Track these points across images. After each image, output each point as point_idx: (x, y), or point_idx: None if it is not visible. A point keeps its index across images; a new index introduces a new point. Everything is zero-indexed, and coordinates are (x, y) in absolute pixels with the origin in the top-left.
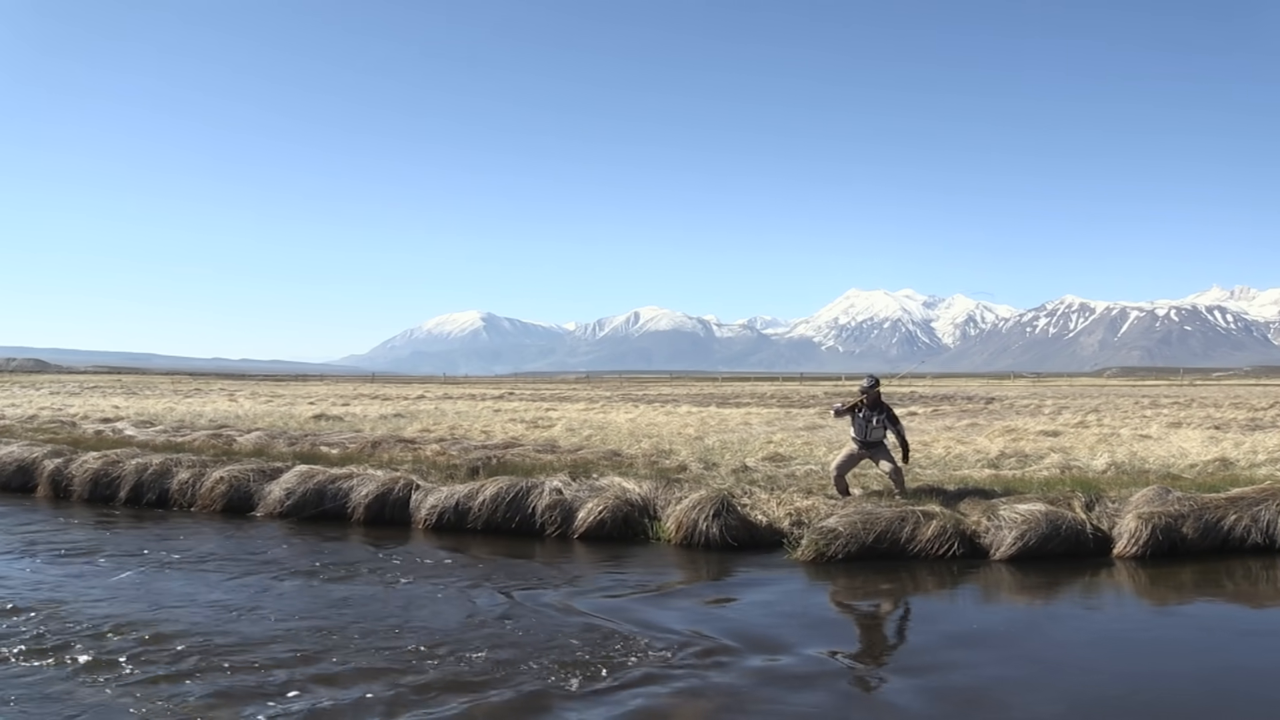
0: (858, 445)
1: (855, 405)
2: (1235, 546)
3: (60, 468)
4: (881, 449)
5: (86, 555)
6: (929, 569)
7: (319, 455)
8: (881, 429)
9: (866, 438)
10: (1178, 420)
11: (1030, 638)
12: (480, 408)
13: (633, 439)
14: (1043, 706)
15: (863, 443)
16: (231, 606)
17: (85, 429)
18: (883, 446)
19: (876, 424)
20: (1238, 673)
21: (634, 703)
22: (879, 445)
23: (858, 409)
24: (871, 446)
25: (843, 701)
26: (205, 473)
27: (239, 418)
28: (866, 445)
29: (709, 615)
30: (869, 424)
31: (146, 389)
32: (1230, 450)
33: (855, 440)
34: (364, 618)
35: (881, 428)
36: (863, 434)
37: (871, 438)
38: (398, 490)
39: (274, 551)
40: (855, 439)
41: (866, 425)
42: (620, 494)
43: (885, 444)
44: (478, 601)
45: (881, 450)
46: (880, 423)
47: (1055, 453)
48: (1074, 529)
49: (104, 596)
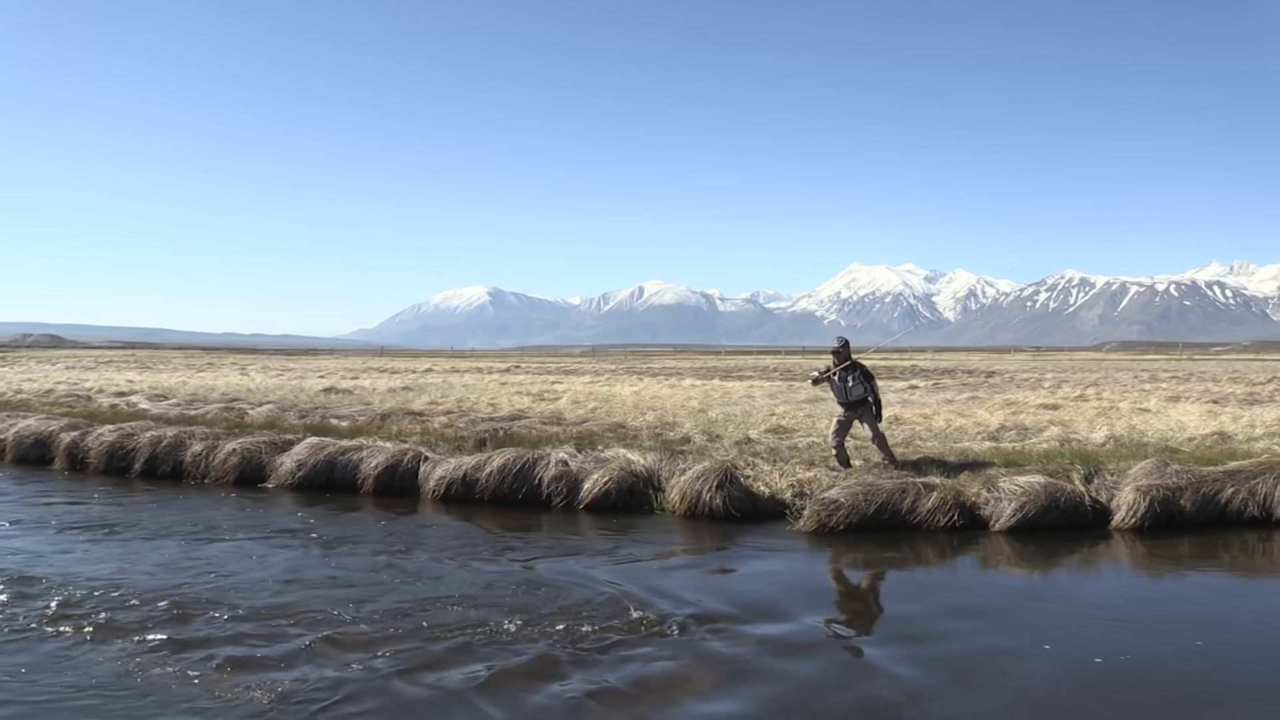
0: (843, 409)
1: (829, 369)
2: (1232, 519)
3: (77, 441)
4: (866, 410)
5: (102, 527)
6: (929, 540)
7: (329, 428)
8: (860, 387)
9: (847, 398)
10: (1176, 394)
11: (1028, 608)
12: (487, 381)
13: (637, 412)
14: (1040, 675)
15: (846, 404)
16: (246, 575)
17: (101, 403)
18: (867, 407)
19: (854, 383)
20: (1233, 643)
21: (640, 669)
22: (862, 404)
23: (831, 372)
24: (855, 407)
25: (843, 669)
26: (218, 445)
27: (250, 391)
28: (850, 406)
29: (713, 584)
30: (846, 384)
31: (160, 364)
32: (1228, 424)
33: (839, 404)
34: (375, 586)
35: (860, 386)
36: (843, 395)
37: (852, 397)
38: (406, 462)
39: (286, 522)
40: (839, 402)
41: (844, 386)
42: (625, 465)
43: (869, 403)
44: (486, 570)
45: (866, 412)
46: (857, 380)
47: (1055, 426)
48: (1073, 501)
49: (120, 566)
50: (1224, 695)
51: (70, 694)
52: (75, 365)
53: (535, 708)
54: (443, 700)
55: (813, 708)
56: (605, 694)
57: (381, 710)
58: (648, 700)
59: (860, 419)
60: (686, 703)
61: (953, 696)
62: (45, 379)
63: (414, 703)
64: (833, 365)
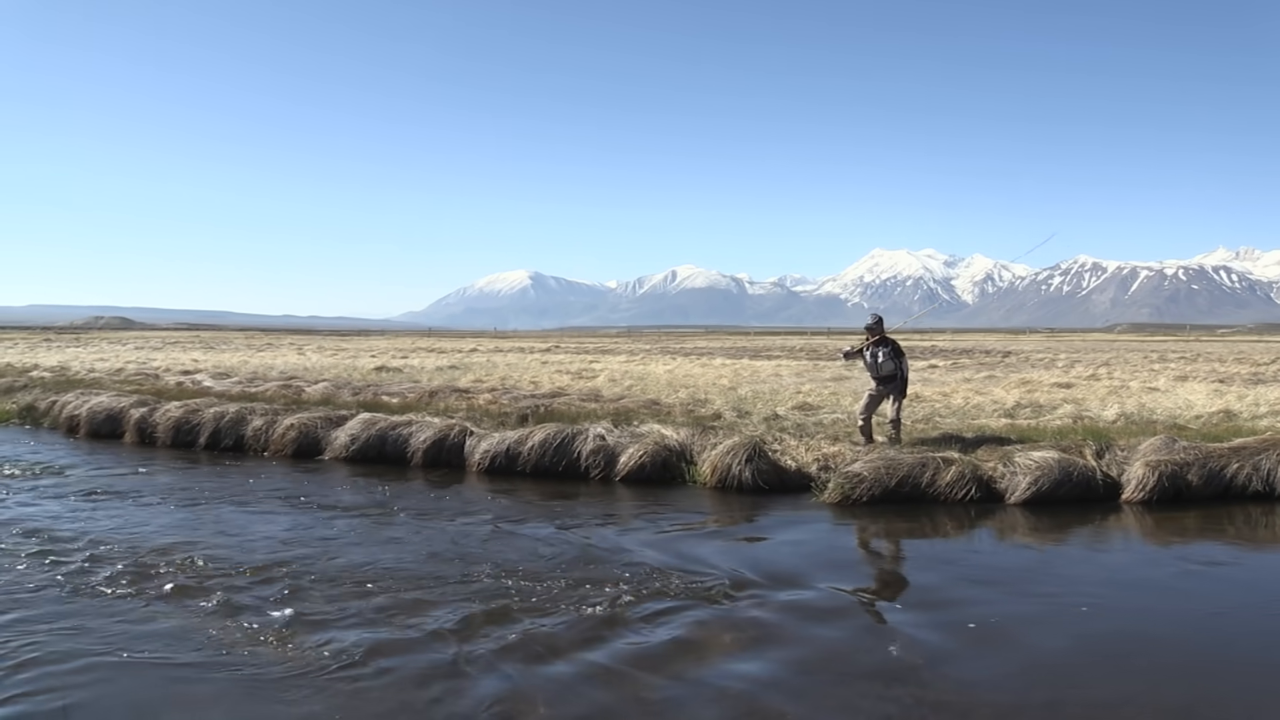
0: (875, 383)
1: (863, 345)
2: (1237, 493)
3: (145, 416)
4: (895, 386)
5: (171, 495)
6: (947, 512)
7: (380, 404)
8: (890, 363)
9: (879, 373)
10: (1184, 374)
11: (1041, 577)
12: (529, 360)
13: (670, 389)
14: (1052, 641)
15: (878, 379)
16: (303, 541)
17: (167, 381)
18: (896, 384)
19: (884, 359)
20: (1237, 611)
21: (672, 631)
22: (892, 380)
23: (864, 349)
24: (886, 382)
25: (864, 634)
26: (277, 420)
27: (307, 370)
28: (881, 381)
29: (742, 552)
30: (877, 359)
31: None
32: (1234, 403)
33: (873, 378)
34: (424, 552)
35: (890, 361)
36: (875, 370)
37: (883, 372)
38: (453, 436)
39: (341, 492)
40: (872, 377)
41: (875, 361)
42: (659, 440)
43: (897, 379)
44: (528, 538)
45: (895, 389)
46: (887, 356)
47: (1068, 403)
48: (1085, 475)
49: (188, 533)
50: (1228, 661)
51: (141, 649)
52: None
53: (575, 668)
54: (485, 659)
55: (836, 669)
56: (641, 655)
57: (428, 669)
58: (682, 661)
59: (889, 394)
60: (717, 663)
61: (969, 660)
62: (116, 359)
63: (452, 662)
64: (866, 341)
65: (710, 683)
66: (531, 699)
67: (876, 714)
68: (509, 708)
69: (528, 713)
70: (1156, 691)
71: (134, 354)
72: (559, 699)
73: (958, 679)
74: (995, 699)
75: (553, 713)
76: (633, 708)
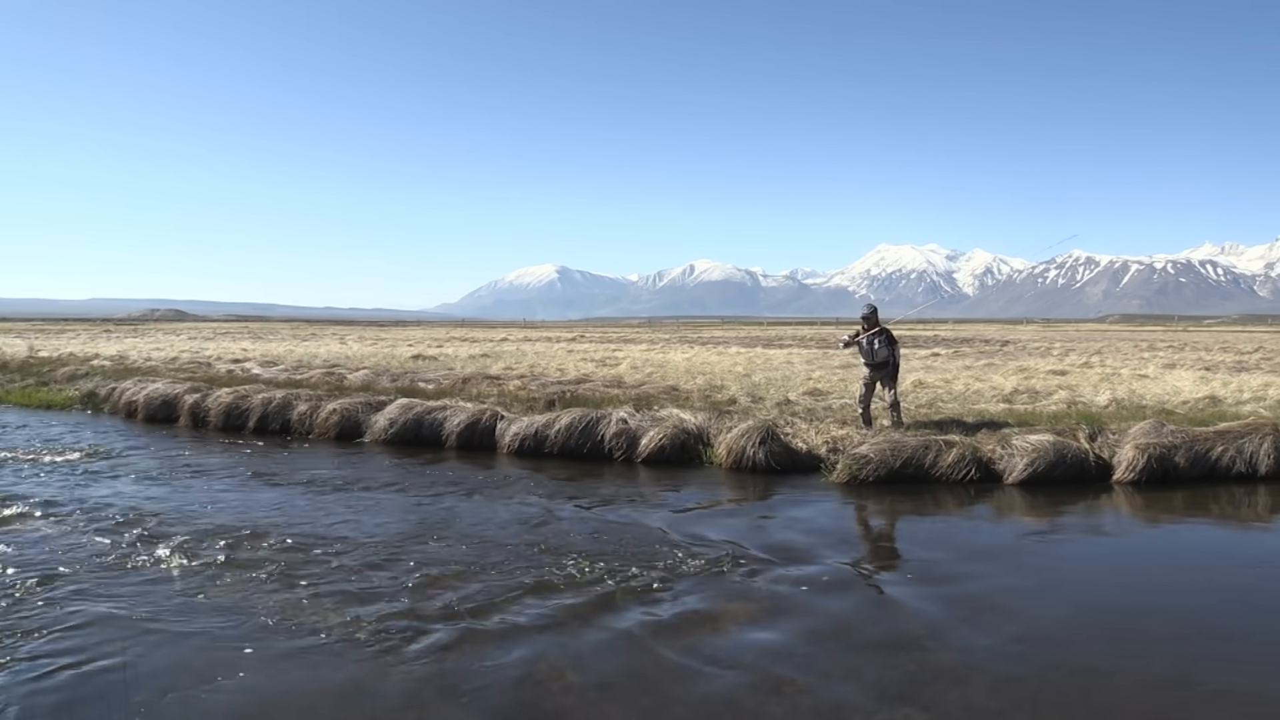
0: (869, 369)
1: (857, 333)
2: (1222, 475)
3: (198, 402)
4: (887, 373)
5: (223, 475)
6: (949, 491)
7: (417, 390)
8: (885, 350)
9: (873, 359)
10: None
11: (1037, 552)
12: (555, 349)
13: (689, 376)
14: (1047, 612)
15: (871, 365)
16: (347, 519)
17: (218, 369)
18: (889, 370)
19: (879, 346)
20: (1221, 585)
21: (689, 603)
22: (885, 366)
23: (860, 336)
24: (879, 368)
25: (869, 605)
26: (320, 405)
27: (348, 358)
28: (875, 367)
29: (755, 529)
30: (873, 347)
31: (270, 334)
32: (1219, 389)
33: (866, 365)
34: (459, 529)
35: (885, 349)
36: (869, 356)
37: (877, 359)
38: (485, 420)
39: (380, 473)
40: (865, 364)
41: (871, 348)
42: (678, 424)
43: (890, 365)
44: (555, 515)
45: (887, 375)
46: (882, 344)
47: (1062, 390)
48: (1078, 457)
49: (240, 510)
50: (1212, 632)
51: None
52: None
53: (596, 639)
54: (512, 631)
55: (844, 639)
56: (659, 625)
57: (455, 638)
58: (698, 631)
59: (882, 382)
60: (732, 633)
61: (969, 631)
62: (170, 348)
63: (484, 632)
64: (862, 330)
65: (725, 652)
66: (559, 667)
67: (881, 681)
68: (538, 675)
69: (555, 679)
70: (1146, 661)
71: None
72: (585, 667)
73: (958, 648)
74: (993, 667)
75: (580, 679)
76: (654, 675)
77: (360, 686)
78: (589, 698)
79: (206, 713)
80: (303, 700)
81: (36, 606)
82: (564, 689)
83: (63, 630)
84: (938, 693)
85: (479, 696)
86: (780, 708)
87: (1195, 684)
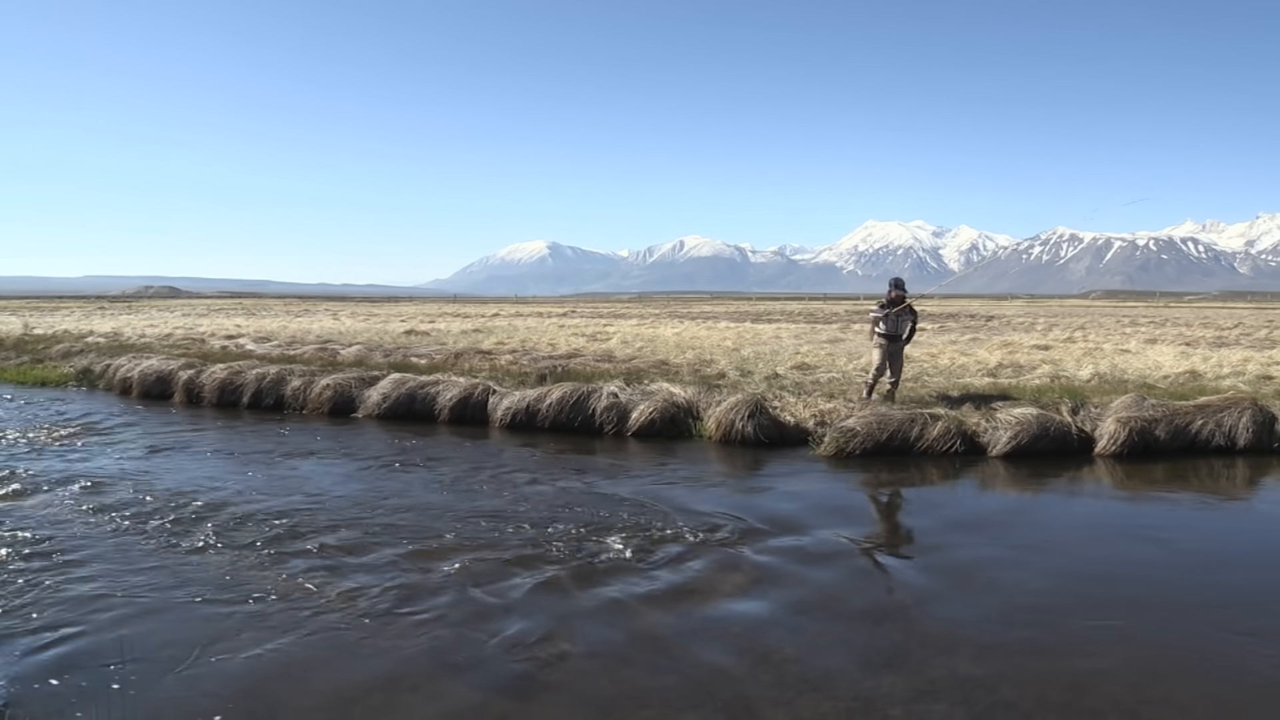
0: (888, 341)
1: (886, 306)
2: (1202, 447)
3: (193, 378)
4: (900, 348)
5: (218, 450)
6: (934, 464)
7: (410, 365)
8: (907, 321)
9: (897, 330)
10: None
11: (1020, 523)
12: (547, 324)
13: (678, 350)
14: (1029, 581)
15: (892, 336)
16: (340, 493)
17: (212, 345)
18: (902, 342)
19: (905, 319)
20: (1202, 554)
21: (679, 574)
22: (899, 338)
23: (891, 311)
24: (895, 340)
25: (856, 576)
26: (314, 381)
27: (341, 334)
28: (893, 339)
29: (743, 502)
30: (899, 319)
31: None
32: (1199, 364)
33: (885, 337)
34: (450, 502)
35: (907, 321)
36: (894, 328)
37: (901, 329)
38: (477, 394)
39: (373, 446)
40: (887, 334)
41: (897, 320)
42: (668, 397)
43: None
44: (547, 488)
45: (900, 349)
46: (906, 317)
47: (1046, 364)
48: (1061, 430)
49: (234, 484)
50: (1195, 601)
51: (190, 590)
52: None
53: (587, 608)
54: (503, 603)
55: (831, 608)
56: (649, 596)
57: (450, 610)
58: (688, 601)
59: (894, 356)
60: (721, 603)
61: (954, 600)
62: (165, 325)
63: (478, 604)
64: (891, 299)
65: (714, 621)
66: (552, 636)
67: (868, 649)
68: (532, 644)
69: (549, 649)
70: (1128, 629)
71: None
72: (578, 636)
73: (943, 617)
74: (977, 636)
75: (573, 648)
76: (645, 644)
77: (354, 658)
78: (580, 667)
79: (202, 685)
80: (296, 671)
81: (29, 582)
82: (556, 657)
83: (55, 606)
84: (923, 660)
85: (471, 666)
86: (768, 675)
87: (1174, 651)
